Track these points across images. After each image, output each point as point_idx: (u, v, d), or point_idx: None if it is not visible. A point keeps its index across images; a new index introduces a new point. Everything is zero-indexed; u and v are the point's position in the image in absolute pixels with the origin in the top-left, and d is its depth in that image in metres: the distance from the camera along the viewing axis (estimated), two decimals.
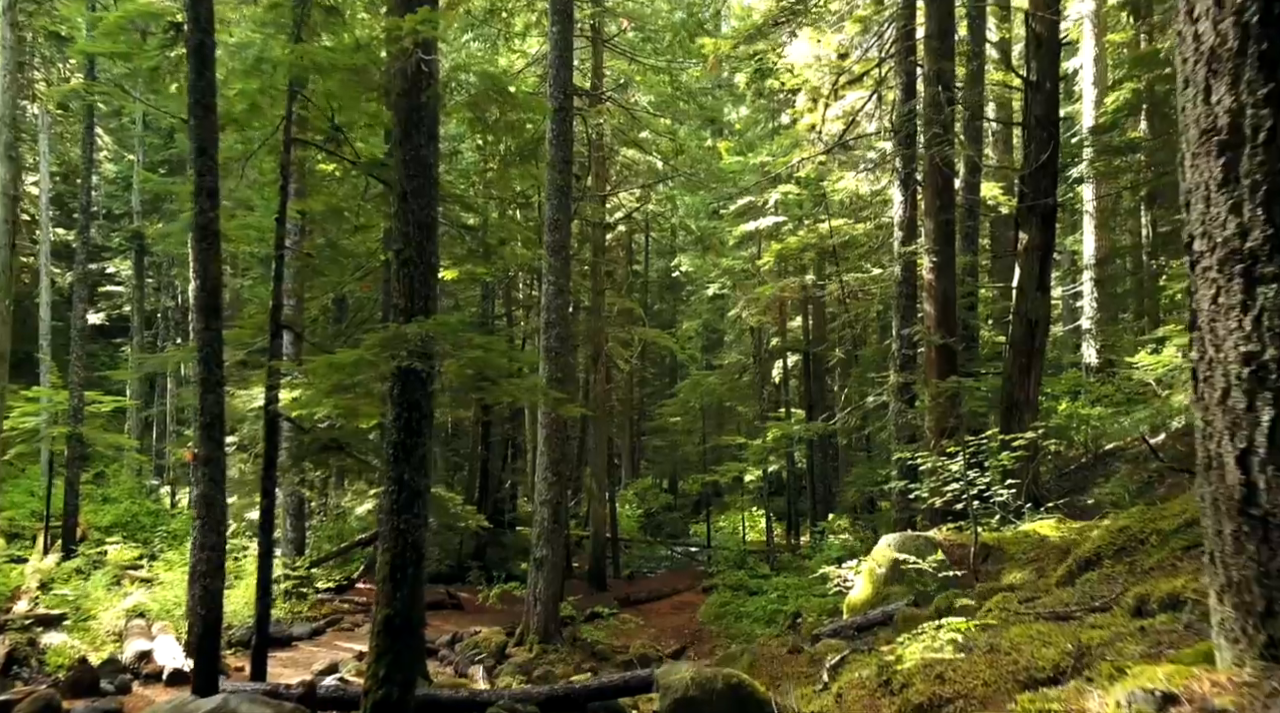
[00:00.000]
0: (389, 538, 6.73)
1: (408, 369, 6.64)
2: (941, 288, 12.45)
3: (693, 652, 15.84)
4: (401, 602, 6.60)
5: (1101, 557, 5.51)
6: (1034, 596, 5.09)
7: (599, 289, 21.34)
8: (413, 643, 6.67)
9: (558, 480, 14.15)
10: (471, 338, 6.72)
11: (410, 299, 6.84)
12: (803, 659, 7.09)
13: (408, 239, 6.93)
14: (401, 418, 6.81)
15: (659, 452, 34.39)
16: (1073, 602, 4.49)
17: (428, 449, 6.94)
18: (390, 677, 6.45)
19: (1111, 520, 7.24)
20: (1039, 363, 12.11)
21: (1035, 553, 7.79)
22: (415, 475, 6.80)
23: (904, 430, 12.70)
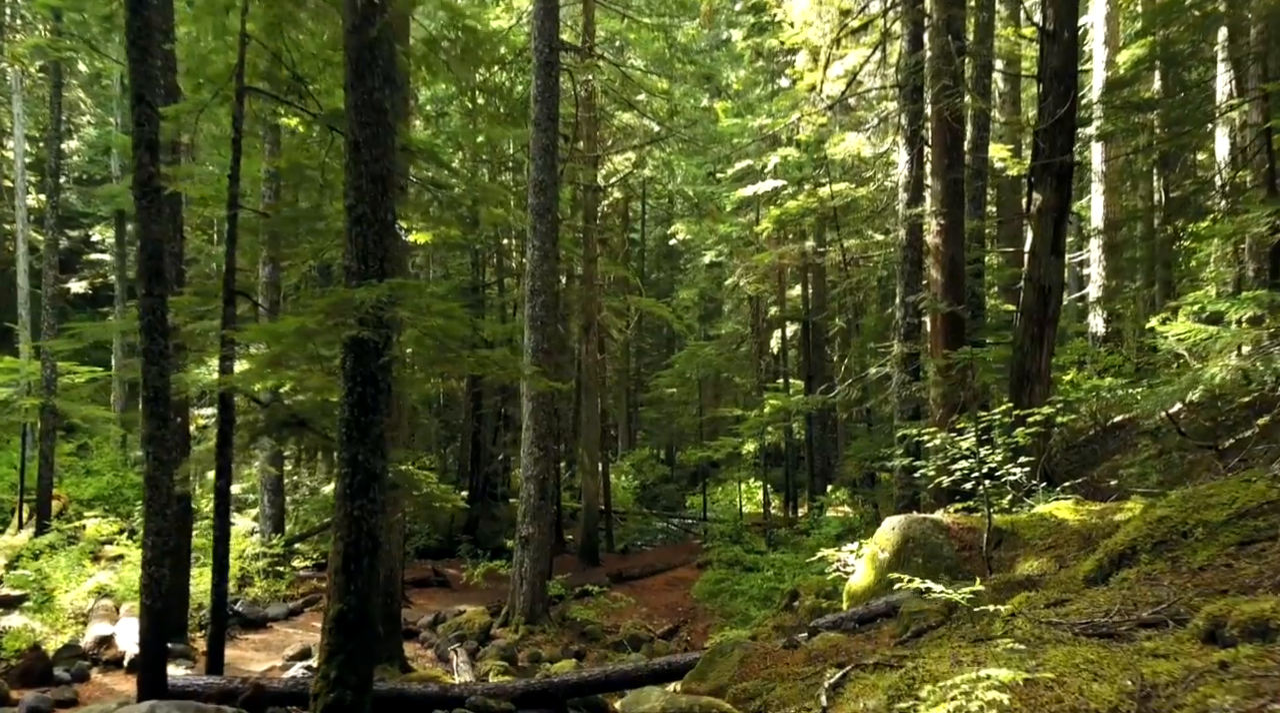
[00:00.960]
0: (342, 526, 6.08)
1: (360, 339, 5.96)
2: (949, 253, 11.73)
3: (686, 632, 15.30)
4: (356, 596, 5.96)
5: (1137, 550, 4.85)
6: (1063, 598, 4.44)
7: (591, 256, 20.59)
8: (368, 641, 6.05)
9: (544, 455, 13.52)
10: (431, 304, 6.03)
11: (363, 261, 6.13)
12: (798, 658, 6.48)
13: (360, 193, 6.21)
14: (355, 393, 6.13)
15: (655, 424, 33.81)
16: (1113, 609, 3.84)
17: (386, 427, 6.27)
18: (343, 679, 5.84)
19: (1142, 506, 6.59)
20: (1052, 332, 11.42)
21: (1053, 539, 7.15)
22: (371, 457, 6.13)
23: (907, 404, 12.04)
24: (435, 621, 13.51)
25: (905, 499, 11.75)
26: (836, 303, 23.10)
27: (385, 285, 5.70)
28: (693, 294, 29.44)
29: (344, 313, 5.65)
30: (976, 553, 7.46)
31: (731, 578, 17.12)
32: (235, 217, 8.27)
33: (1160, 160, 20.66)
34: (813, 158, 20.76)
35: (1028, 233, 11.57)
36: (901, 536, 7.77)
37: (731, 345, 27.69)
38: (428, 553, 22.48)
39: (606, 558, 21.52)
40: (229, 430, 8.19)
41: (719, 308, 34.45)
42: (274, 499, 16.02)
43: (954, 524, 7.78)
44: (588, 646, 13.58)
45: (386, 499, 10.53)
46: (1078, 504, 7.86)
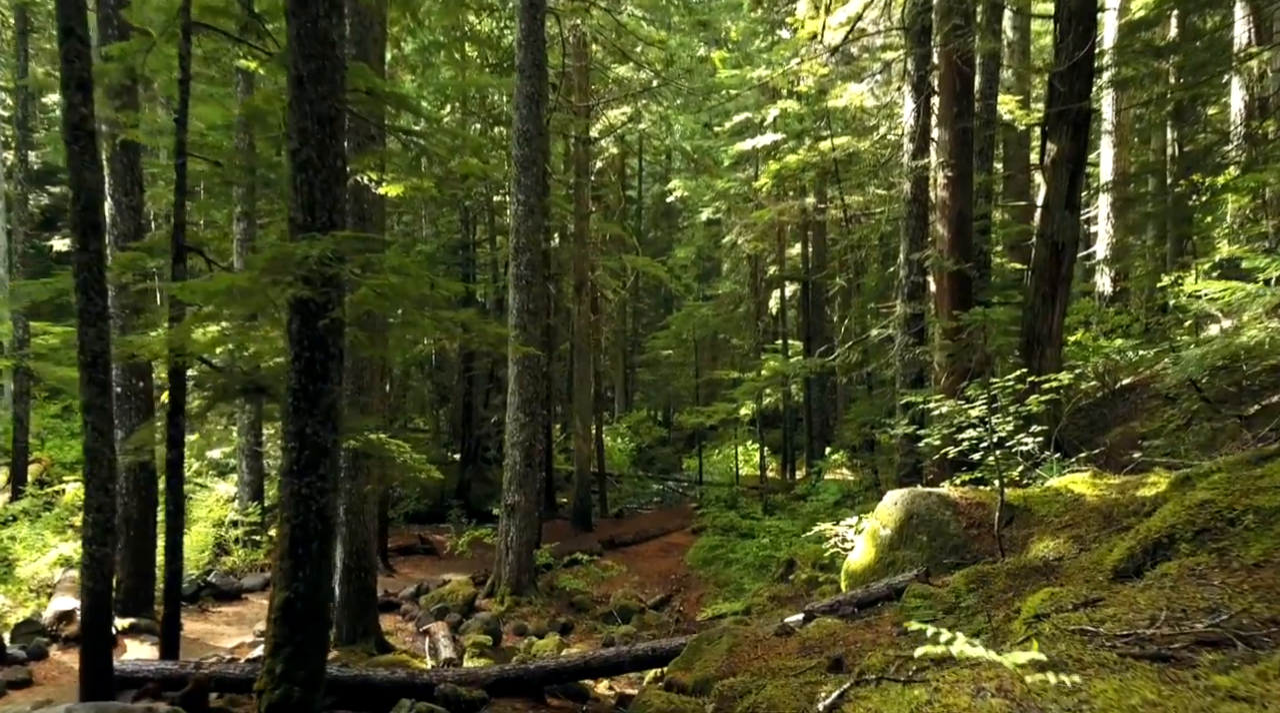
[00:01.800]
0: (289, 506, 5.50)
1: (307, 300, 5.33)
2: (957, 207, 11.04)
3: (678, 601, 14.87)
4: (304, 583, 5.40)
5: (1176, 539, 4.27)
6: (1094, 596, 3.86)
7: (583, 213, 19.84)
8: (319, 632, 5.50)
9: (531, 421, 12.95)
10: (383, 260, 5.39)
11: (309, 212, 5.47)
12: (792, 647, 5.94)
13: (305, 136, 5.53)
14: (302, 359, 5.51)
15: (651, 386, 33.25)
16: (1160, 617, 3.26)
17: (339, 396, 5.66)
18: (290, 674, 5.30)
19: (1168, 481, 6.01)
20: (1065, 292, 10.79)
21: (1070, 516, 6.58)
22: (321, 429, 5.53)
23: (910, 367, 11.43)
24: (418, 592, 13.04)
25: (907, 467, 11.21)
26: (837, 261, 22.39)
27: (329, 239, 5.05)
28: (689, 253, 28.69)
29: (283, 270, 5.01)
30: (986, 531, 6.91)
31: (726, 545, 16.66)
32: (183, 166, 7.59)
33: (1175, 112, 19.83)
34: (813, 110, 19.93)
35: (1040, 185, 10.89)
36: (905, 511, 7.21)
37: (729, 306, 27.01)
38: (417, 518, 22.04)
39: (600, 523, 21.07)
40: (180, 398, 7.59)
41: (717, 267, 33.72)
42: (252, 465, 15.48)
43: (961, 499, 7.22)
44: (576, 617, 13.14)
45: (364, 471, 10.02)
46: (1095, 477, 7.29)
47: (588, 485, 20.36)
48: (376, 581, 10.22)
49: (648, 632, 12.67)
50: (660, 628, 12.87)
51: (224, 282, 4.95)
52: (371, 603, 10.07)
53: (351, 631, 9.85)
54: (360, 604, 9.92)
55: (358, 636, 9.84)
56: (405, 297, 5.41)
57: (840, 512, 14.79)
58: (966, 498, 7.24)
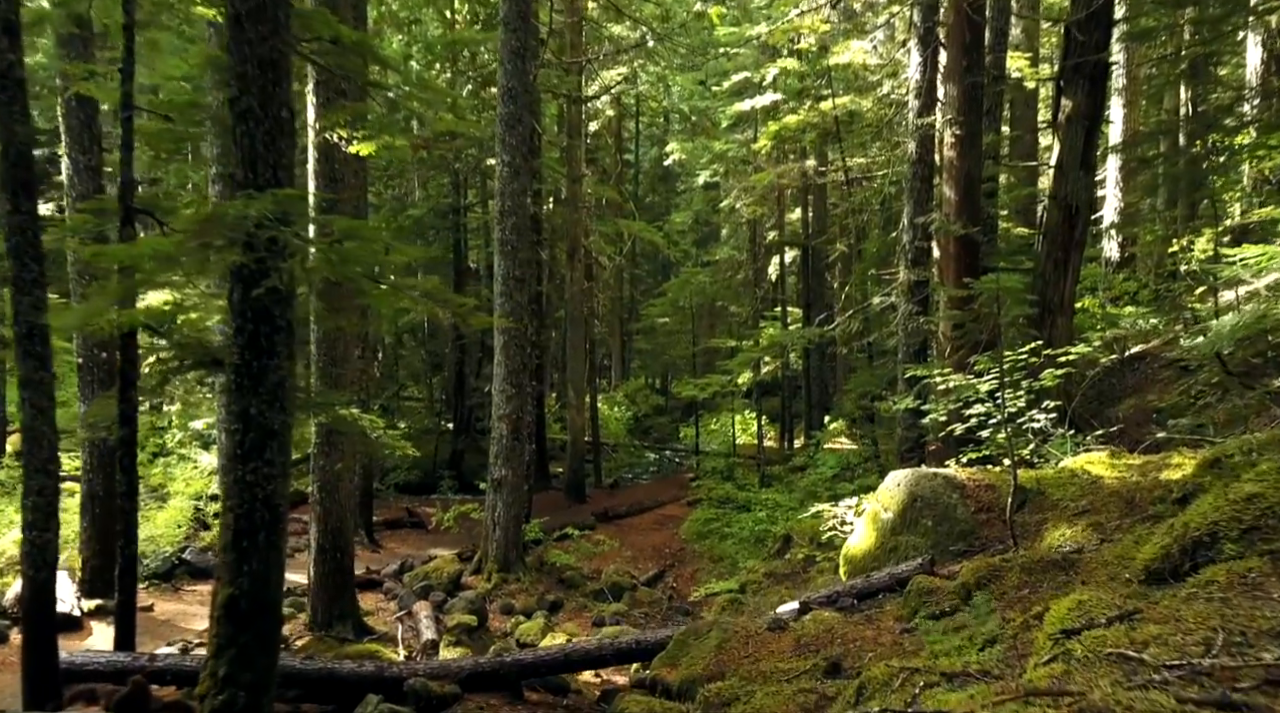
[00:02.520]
0: (233, 494, 5.01)
1: (249, 266, 4.79)
2: (964, 167, 10.44)
3: (672, 577, 14.46)
4: (250, 578, 4.92)
5: (1219, 538, 3.77)
6: (1129, 608, 3.35)
7: (575, 176, 19.18)
8: (268, 631, 5.03)
9: (518, 393, 12.44)
10: (332, 222, 4.84)
11: (250, 167, 4.91)
12: (785, 644, 5.48)
13: (245, 82, 4.95)
14: (245, 332, 4.97)
15: (647, 355, 32.72)
16: (1215, 640, 2.76)
17: (288, 373, 5.13)
18: (234, 677, 4.83)
19: (1195, 464, 5.51)
20: (1078, 258, 10.24)
21: (1087, 501, 6.09)
22: (267, 410, 5.01)
23: (913, 337, 10.91)
24: (401, 569, 12.61)
25: (909, 442, 10.72)
26: (837, 226, 21.75)
27: (269, 197, 4.50)
28: (686, 218, 28.00)
29: (216, 232, 4.45)
30: (996, 516, 6.42)
31: (722, 518, 16.24)
32: (130, 119, 7.00)
33: (1189, 69, 19.09)
34: (814, 69, 19.20)
35: (1050, 146, 10.30)
36: (908, 494, 6.72)
37: (727, 272, 26.38)
38: (408, 488, 21.65)
39: (594, 494, 20.67)
40: (132, 372, 7.08)
41: (715, 232, 33.03)
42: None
43: (969, 481, 6.73)
44: (566, 594, 12.72)
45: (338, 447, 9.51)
46: (1113, 457, 6.79)
47: (581, 457, 19.92)
48: (353, 560, 9.77)
49: (639, 610, 12.27)
50: (652, 606, 12.47)
51: (147, 246, 4.41)
52: (348, 584, 9.63)
53: (327, 613, 9.42)
54: (336, 586, 9.48)
55: (334, 618, 9.41)
56: (360, 264, 4.85)
57: (839, 486, 14.35)
58: (974, 480, 6.74)
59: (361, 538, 14.41)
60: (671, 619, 12.15)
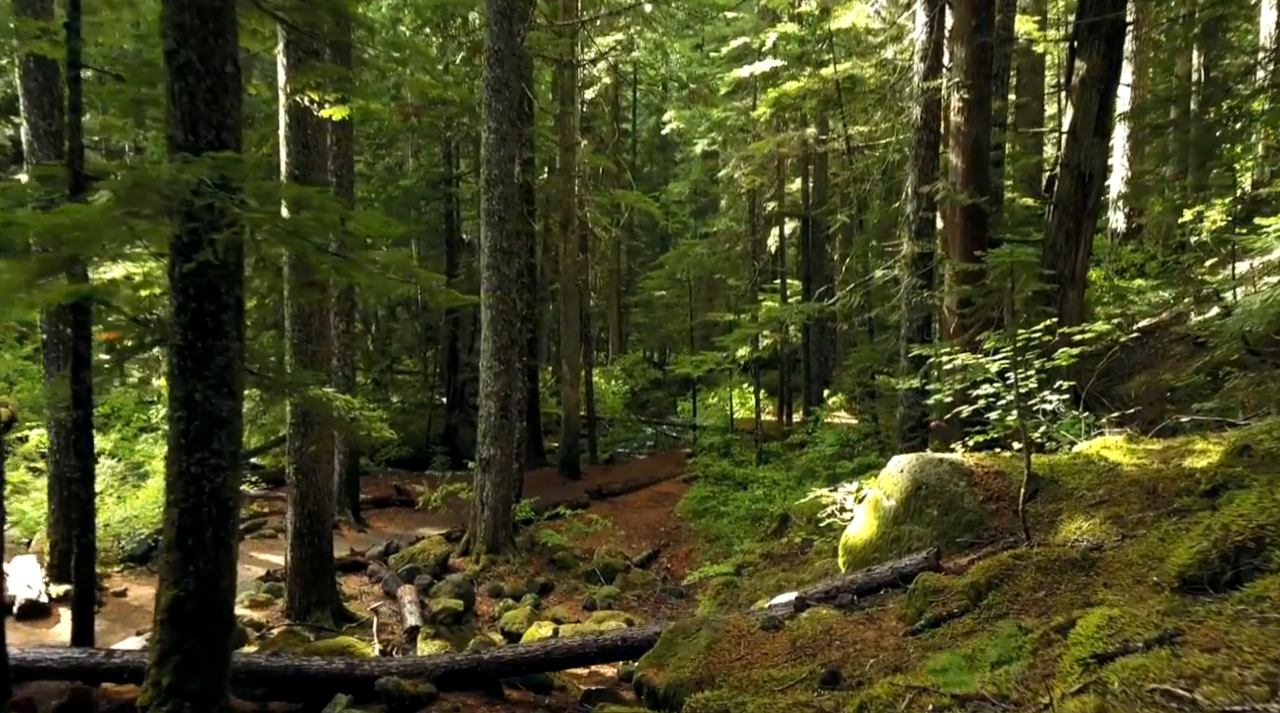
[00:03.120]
0: (177, 487, 4.59)
1: (193, 239, 4.33)
2: (972, 133, 9.93)
3: (666, 557, 14.12)
4: (197, 578, 4.51)
5: (1267, 545, 3.36)
6: (1171, 630, 2.94)
7: (568, 144, 18.61)
8: (218, 635, 4.63)
9: (506, 370, 12.01)
10: (281, 187, 4.37)
11: (190, 128, 4.44)
12: (780, 646, 5.09)
13: (182, 33, 4.47)
14: (188, 311, 4.53)
15: (644, 328, 32.25)
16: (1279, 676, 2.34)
17: (236, 355, 4.69)
18: (180, 687, 4.44)
19: (1223, 451, 5.09)
20: (1090, 228, 9.78)
21: (1105, 490, 5.68)
22: (213, 395, 4.58)
23: (917, 312, 10.45)
24: (387, 550, 12.24)
25: (911, 420, 10.31)
26: (838, 196, 21.21)
27: (205, 161, 4.03)
28: (683, 187, 27.39)
29: (146, 200, 3.99)
30: (1006, 505, 6.01)
31: (718, 495, 15.88)
32: (77, 78, 6.50)
33: (1202, 33, 18.47)
34: (815, 33, 18.58)
35: (1054, 115, 9.79)
36: (912, 480, 6.31)
37: (726, 244, 25.84)
38: (400, 464, 21.29)
39: (589, 470, 20.31)
40: (85, 351, 6.64)
41: (714, 203, 32.44)
42: None
43: (977, 467, 6.31)
44: (557, 576, 12.39)
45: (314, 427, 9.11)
46: (1131, 441, 6.37)
47: (575, 433, 19.54)
48: (332, 544, 9.40)
49: (631, 592, 11.93)
50: (645, 588, 12.13)
51: (68, 215, 3.97)
52: (327, 569, 9.26)
53: (305, 600, 9.06)
54: (314, 571, 9.11)
55: (312, 605, 9.05)
56: (305, 235, 4.40)
57: (838, 464, 13.97)
58: (982, 466, 6.33)
59: (348, 517, 14.06)
60: (664, 602, 11.84)
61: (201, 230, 4.07)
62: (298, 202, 4.42)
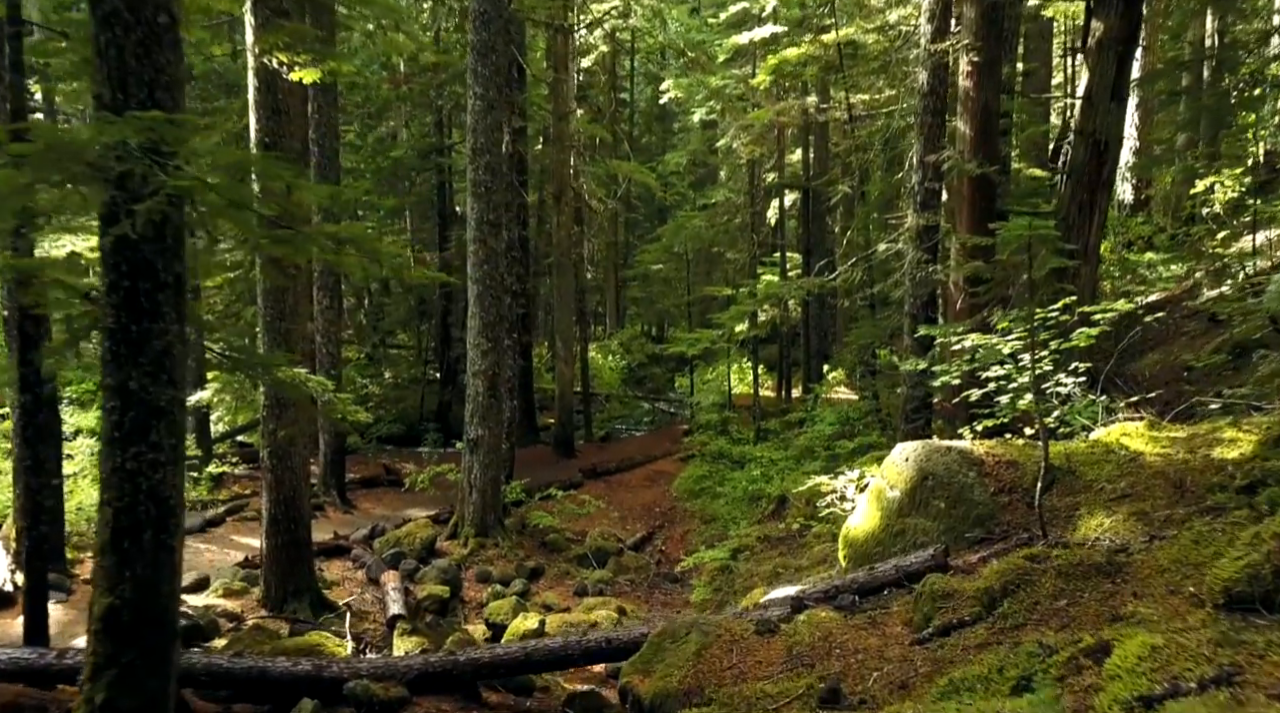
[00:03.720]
0: (111, 485, 4.16)
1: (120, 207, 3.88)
2: (982, 99, 9.42)
3: (660, 539, 13.77)
4: (134, 585, 4.11)
5: None
6: (1228, 667, 2.53)
7: (562, 113, 18.02)
8: (160, 646, 4.23)
9: (494, 347, 11.58)
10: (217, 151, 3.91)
11: (119, 86, 3.97)
12: (776, 653, 4.69)
13: None
14: (120, 289, 4.09)
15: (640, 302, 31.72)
16: None
17: (176, 339, 4.25)
18: (115, 704, 4.04)
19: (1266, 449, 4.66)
20: (1105, 200, 9.31)
21: (1127, 483, 5.26)
22: (150, 383, 4.15)
23: (922, 287, 9.99)
24: (372, 533, 11.87)
25: (915, 401, 9.88)
26: (839, 166, 20.65)
27: (130, 122, 3.56)
28: (681, 158, 26.77)
29: (61, 164, 3.53)
30: (1019, 498, 5.60)
31: (715, 475, 15.51)
32: (18, 37, 6.01)
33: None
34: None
35: (1084, 73, 9.26)
36: (918, 470, 5.89)
37: (724, 216, 25.27)
38: (391, 440, 20.92)
39: (584, 448, 19.93)
40: (32, 330, 6.20)
41: (713, 174, 31.81)
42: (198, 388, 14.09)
43: (987, 456, 5.89)
44: (548, 559, 12.04)
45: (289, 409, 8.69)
46: (1152, 428, 5.94)
47: (570, 410, 19.13)
48: (310, 530, 9.00)
49: (624, 577, 11.59)
50: (639, 572, 11.79)
51: None
52: (304, 557, 8.87)
53: (282, 589, 8.69)
54: (291, 559, 8.73)
55: (289, 594, 8.68)
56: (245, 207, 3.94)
57: (838, 444, 13.57)
58: (993, 455, 5.90)
59: (333, 498, 13.69)
60: (658, 587, 11.49)
61: (120, 200, 3.61)
62: (238, 168, 3.96)
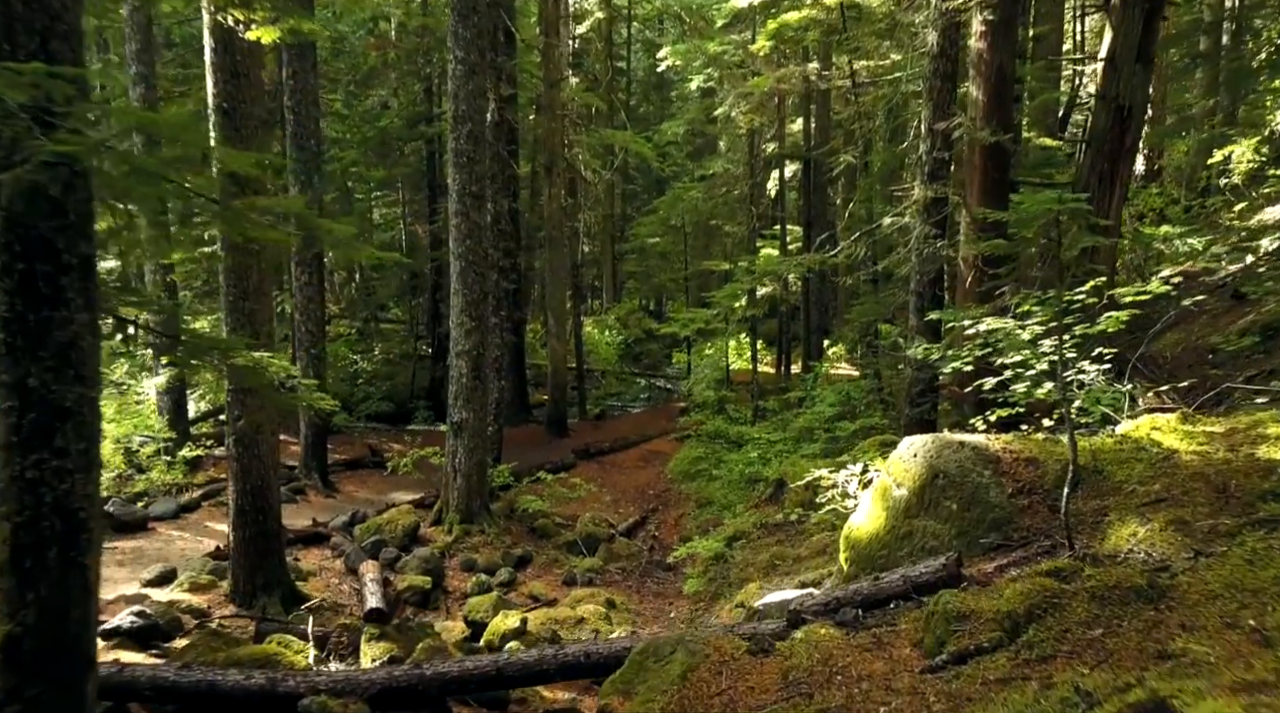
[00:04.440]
0: (10, 496, 3.64)
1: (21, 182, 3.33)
2: (996, 61, 8.79)
3: (654, 524, 13.31)
4: (38, 610, 3.60)
5: None
6: None
7: (553, 80, 17.33)
8: (69, 678, 3.74)
9: (477, 326, 11.03)
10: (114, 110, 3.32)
11: (4, 35, 3.41)
12: (770, 677, 4.20)
13: None
14: (14, 272, 3.54)
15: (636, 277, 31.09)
16: None
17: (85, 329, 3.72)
18: None
19: None
20: (1127, 170, 8.72)
21: (1162, 485, 4.74)
22: (53, 380, 3.62)
23: (929, 264, 9.42)
24: (353, 520, 11.40)
25: (921, 383, 9.35)
26: (842, 135, 19.97)
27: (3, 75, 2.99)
28: (678, 127, 26.03)
29: None
30: (1040, 500, 5.08)
31: (711, 455, 15.02)
32: None
33: None
34: None
35: (1106, 32, 8.63)
36: (927, 467, 5.37)
37: (723, 188, 24.57)
38: (381, 418, 20.41)
39: (578, 427, 19.45)
40: None
41: (713, 144, 31.05)
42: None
43: (1004, 452, 5.36)
44: (536, 546, 11.58)
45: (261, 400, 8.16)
46: (1185, 422, 5.41)
47: (563, 389, 18.62)
48: (280, 521, 8.51)
49: (615, 564, 11.14)
50: (630, 559, 11.33)
51: None
52: (274, 549, 8.39)
53: (250, 583, 8.22)
54: (260, 552, 8.25)
55: (257, 590, 8.21)
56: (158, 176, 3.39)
57: (839, 426, 13.07)
58: (1010, 450, 5.38)
59: (315, 482, 13.22)
60: (650, 576, 11.03)
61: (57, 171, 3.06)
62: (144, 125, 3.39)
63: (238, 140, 7.59)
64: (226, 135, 7.58)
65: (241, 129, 7.61)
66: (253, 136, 7.70)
